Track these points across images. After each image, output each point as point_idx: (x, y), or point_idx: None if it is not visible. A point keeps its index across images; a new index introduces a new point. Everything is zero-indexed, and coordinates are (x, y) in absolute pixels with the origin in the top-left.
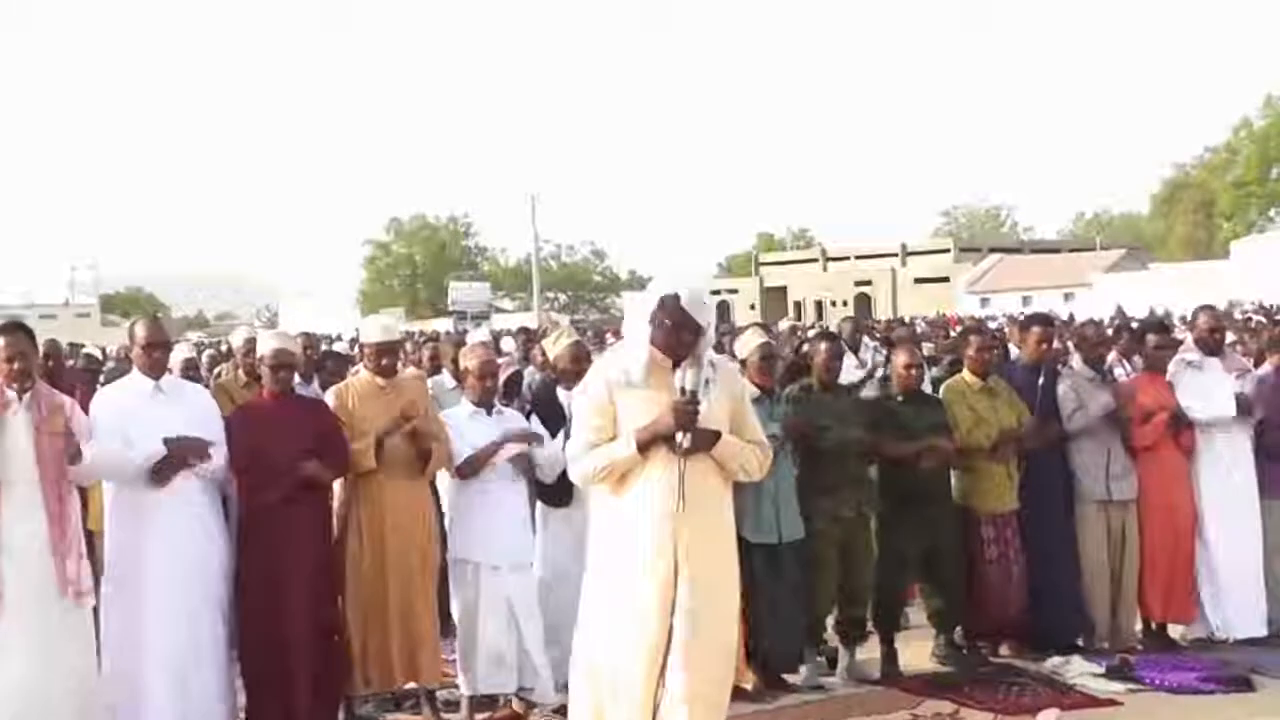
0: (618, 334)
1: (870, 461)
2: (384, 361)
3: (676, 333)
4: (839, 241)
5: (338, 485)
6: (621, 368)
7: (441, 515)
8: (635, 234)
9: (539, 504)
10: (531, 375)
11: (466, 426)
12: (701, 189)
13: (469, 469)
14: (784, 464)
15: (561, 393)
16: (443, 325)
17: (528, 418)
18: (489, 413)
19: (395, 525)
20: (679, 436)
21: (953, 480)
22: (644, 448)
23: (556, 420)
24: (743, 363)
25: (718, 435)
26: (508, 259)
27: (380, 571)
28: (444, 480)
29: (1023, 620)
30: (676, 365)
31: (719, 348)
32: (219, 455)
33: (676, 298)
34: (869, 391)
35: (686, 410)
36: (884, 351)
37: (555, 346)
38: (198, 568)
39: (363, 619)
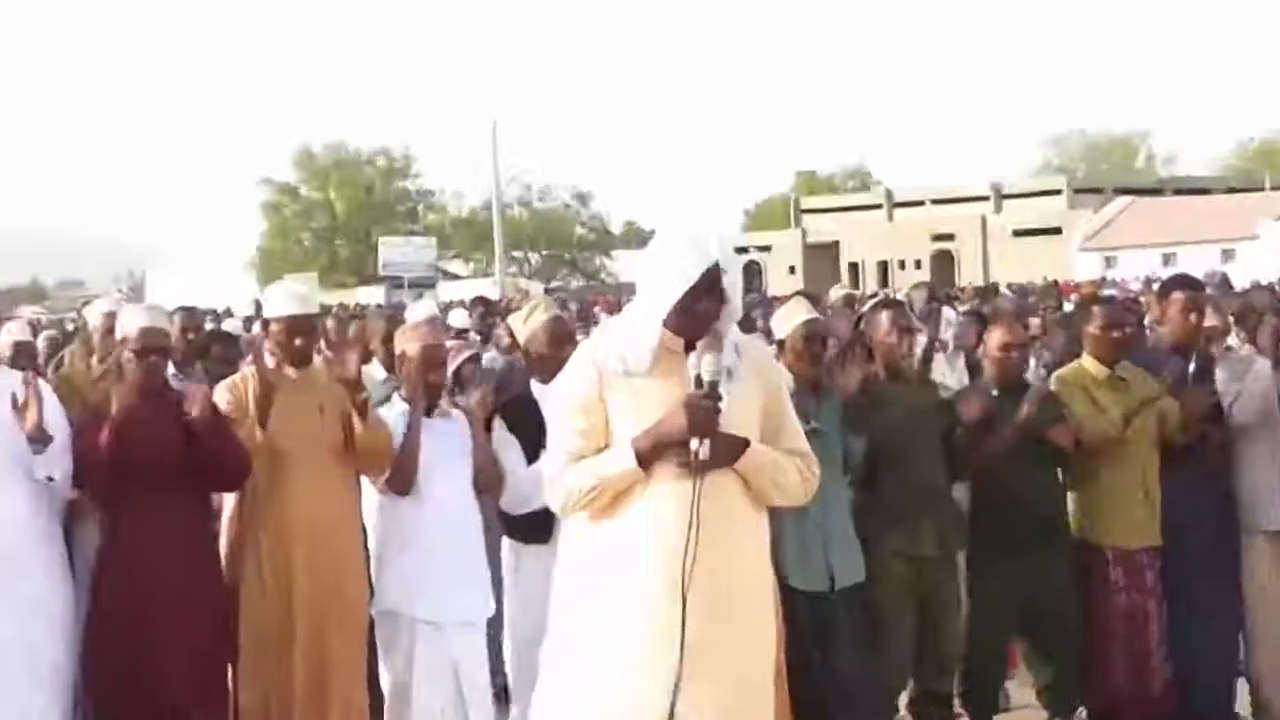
0: (610, 306)
1: (956, 476)
2: (296, 343)
3: (695, 302)
4: (908, 181)
5: (229, 501)
6: (618, 351)
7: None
8: (631, 173)
9: (505, 540)
10: (493, 363)
11: (398, 430)
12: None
13: (400, 477)
14: (837, 482)
15: (535, 387)
16: (371, 296)
17: (489, 423)
18: (433, 415)
19: (310, 562)
20: (693, 444)
21: (1069, 504)
22: (646, 460)
23: (528, 426)
24: (780, 344)
25: (746, 443)
26: (460, 206)
27: (285, 623)
28: (369, 502)
29: (1165, 698)
30: (690, 348)
31: (747, 324)
32: (58, 468)
33: (716, 273)
34: (944, 378)
35: (704, 408)
36: (970, 329)
37: (527, 324)
38: (18, 624)
39: (260, 687)
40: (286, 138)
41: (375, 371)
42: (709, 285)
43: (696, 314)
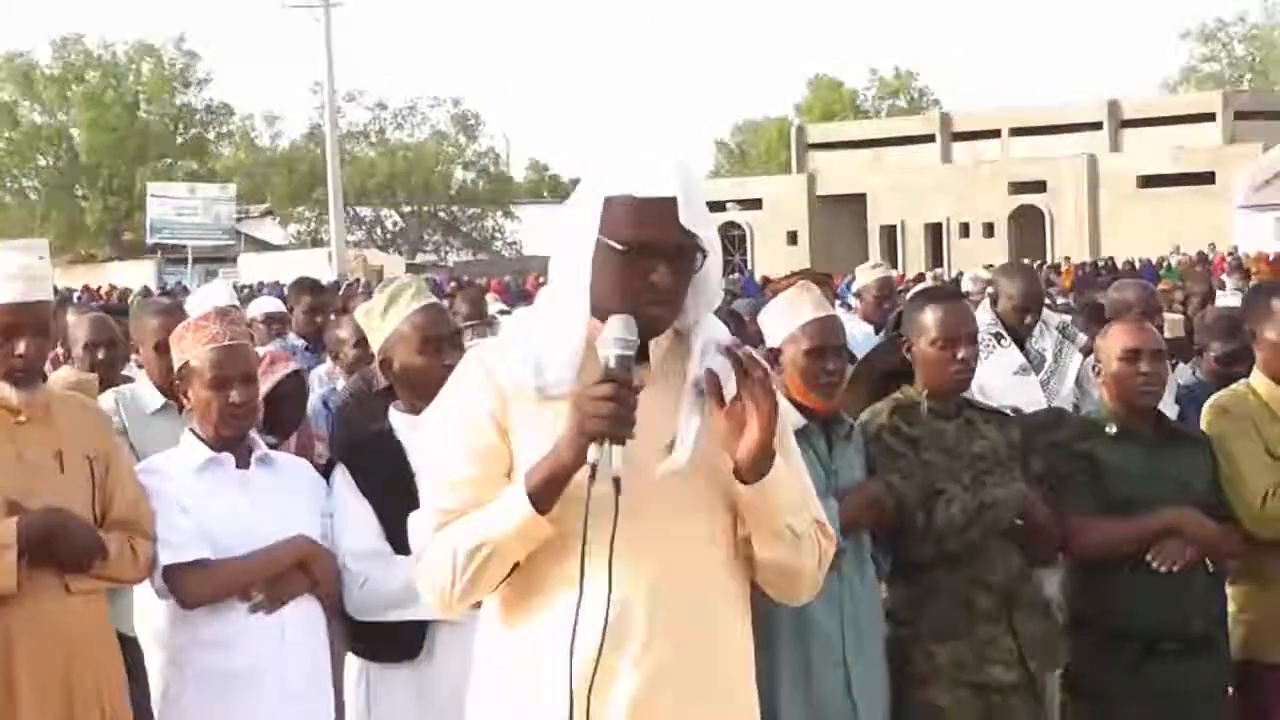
0: (511, 293)
1: (1044, 562)
2: (19, 348)
3: (641, 271)
4: (975, 101)
5: None
6: (529, 360)
7: (139, 677)
8: (539, 90)
9: (353, 658)
10: (331, 382)
11: (194, 494)
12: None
13: (205, 587)
14: (861, 575)
15: (398, 419)
16: (135, 275)
17: (326, 473)
18: (241, 462)
19: (40, 691)
20: (591, 452)
21: (1229, 609)
22: (544, 494)
23: (386, 480)
24: (774, 356)
25: (770, 451)
26: (275, 139)
27: None
28: (148, 607)
29: None
30: (642, 355)
31: (730, 320)
32: None
33: (642, 202)
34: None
35: (596, 393)
36: (1078, 334)
37: (385, 320)
38: None
39: None
40: None
41: (142, 394)
42: (661, 239)
43: (644, 290)
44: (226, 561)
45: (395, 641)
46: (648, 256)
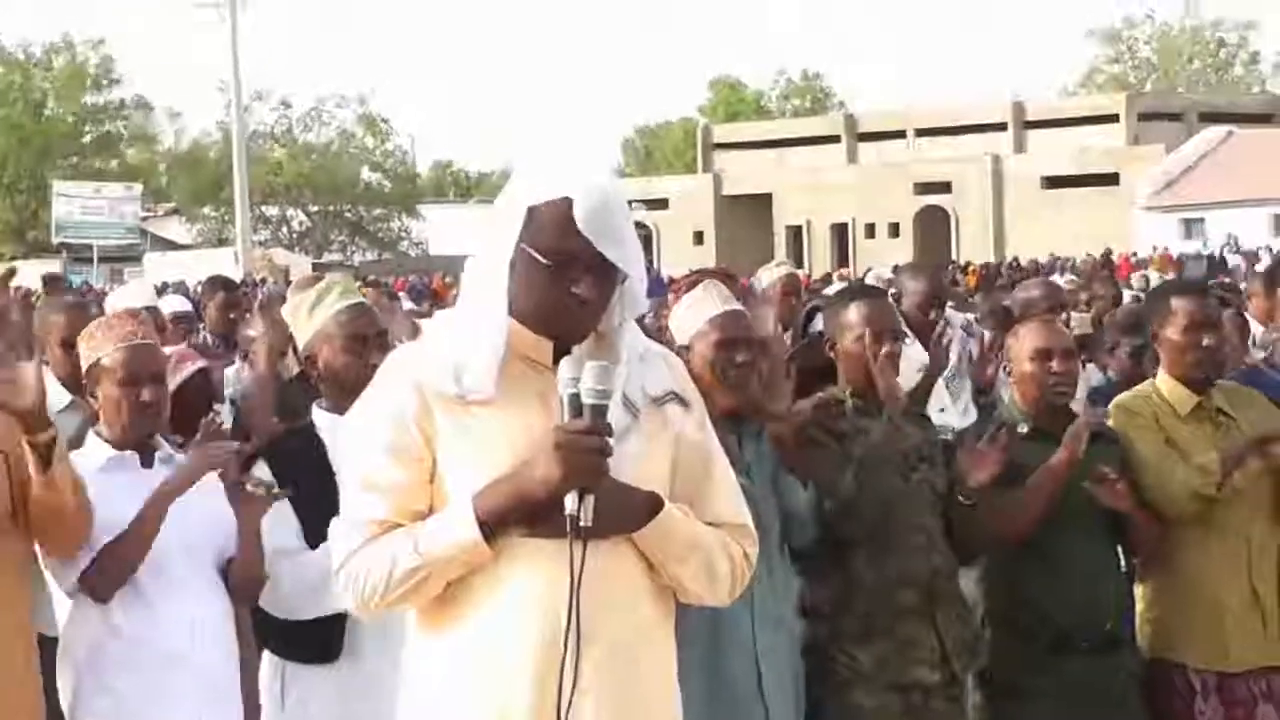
0: (417, 292)
1: (962, 560)
2: None
3: (564, 283)
4: (881, 101)
5: None
6: (448, 362)
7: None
8: (445, 84)
9: (270, 657)
10: (242, 382)
11: (97, 493)
12: None
13: (112, 567)
14: (776, 573)
15: (321, 418)
16: (38, 274)
17: (243, 474)
18: (145, 462)
19: None
20: (569, 503)
21: (1138, 607)
22: (494, 527)
23: (308, 478)
24: (684, 354)
25: (656, 502)
26: (180, 135)
27: None
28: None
29: None
30: (562, 355)
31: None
32: None
33: (567, 205)
34: (949, 418)
35: (584, 446)
36: (982, 333)
37: (313, 316)
38: None
39: None
40: None
41: (50, 391)
42: (585, 246)
43: (567, 300)
44: (108, 544)
45: (311, 641)
46: (572, 268)
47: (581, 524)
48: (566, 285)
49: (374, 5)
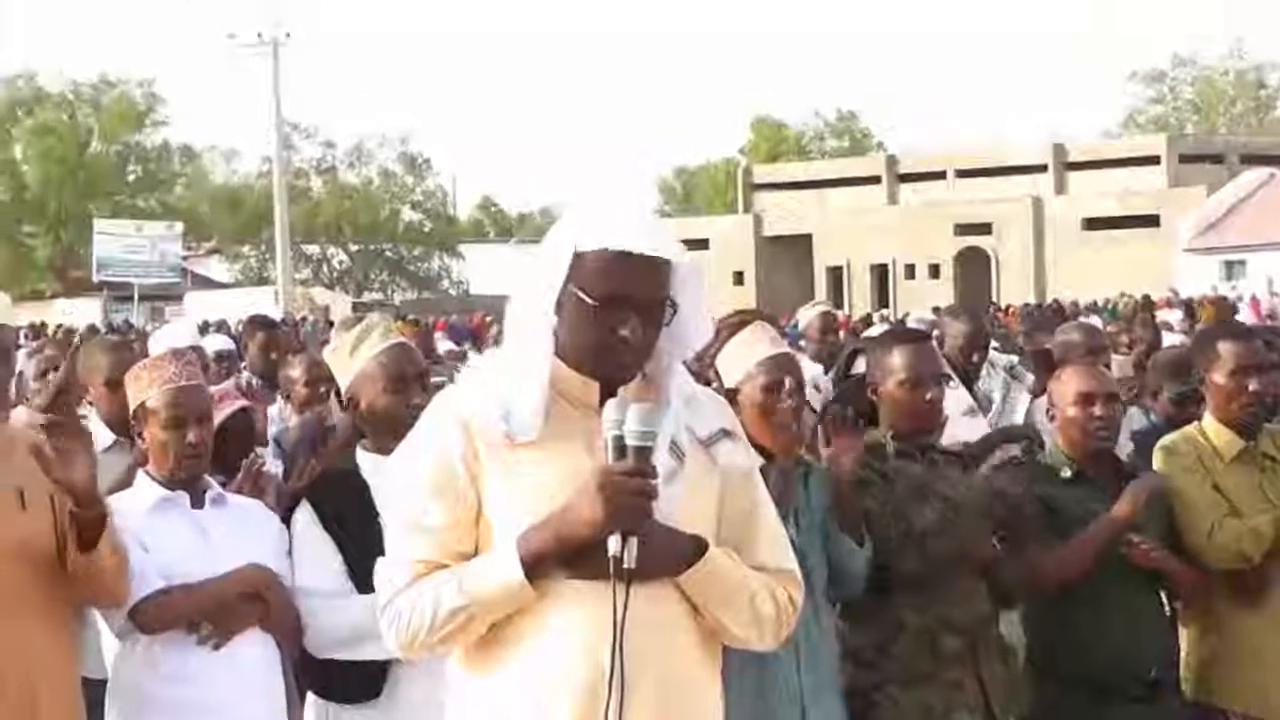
0: (458, 331)
1: (1004, 603)
2: None
3: (610, 324)
4: (921, 142)
5: None
6: (495, 403)
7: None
8: (489, 127)
9: (313, 697)
10: (283, 421)
11: (148, 533)
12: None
13: (160, 614)
14: (819, 617)
15: (365, 459)
16: (81, 313)
17: (286, 517)
18: (196, 502)
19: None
20: (612, 545)
21: (1182, 654)
22: (537, 569)
23: (351, 519)
24: (732, 396)
25: (701, 545)
26: (233, 174)
27: None
28: (107, 641)
29: None
30: (608, 398)
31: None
32: None
33: (615, 257)
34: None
35: (628, 488)
36: (1025, 375)
37: (354, 358)
38: None
39: None
40: None
41: (95, 431)
42: (633, 293)
43: (613, 341)
44: (179, 588)
45: (354, 681)
46: (619, 309)
47: (626, 566)
48: (612, 326)
49: (418, 45)
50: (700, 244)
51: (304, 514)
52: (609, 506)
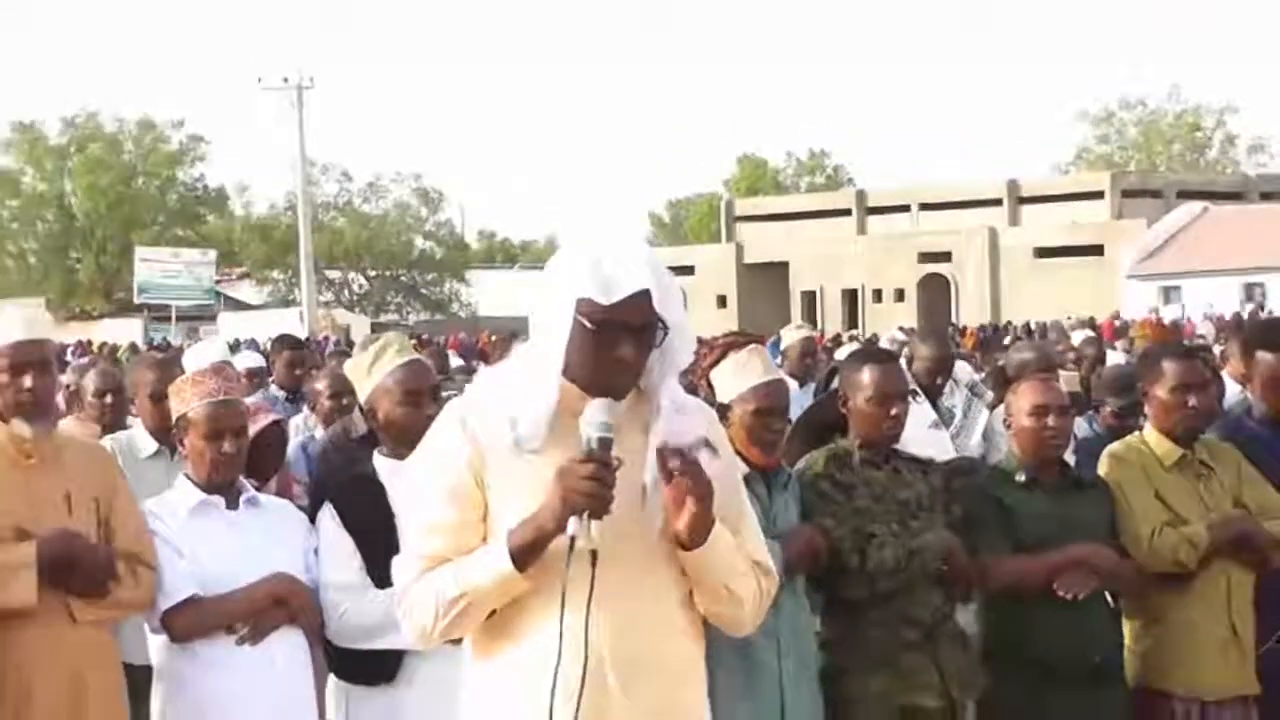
0: (468, 349)
1: (962, 598)
2: (27, 385)
3: (608, 346)
4: (885, 178)
5: None
6: (504, 412)
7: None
8: (489, 164)
9: (334, 680)
10: (308, 430)
11: (188, 532)
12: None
13: (193, 623)
14: (797, 610)
15: (382, 465)
16: (123, 332)
17: (312, 515)
18: (231, 504)
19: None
20: (572, 524)
21: (1126, 639)
22: (524, 558)
23: (370, 520)
24: (723, 411)
25: (711, 522)
26: (249, 206)
27: None
28: (152, 641)
29: None
30: None
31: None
32: None
33: (641, 291)
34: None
35: (579, 472)
36: (986, 392)
37: (372, 372)
38: None
39: None
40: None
41: (137, 440)
42: (628, 319)
43: (611, 363)
44: (212, 599)
45: (372, 665)
46: (615, 333)
47: (580, 544)
48: (610, 348)
49: (428, 87)
50: (687, 270)
51: (327, 514)
52: (562, 492)
